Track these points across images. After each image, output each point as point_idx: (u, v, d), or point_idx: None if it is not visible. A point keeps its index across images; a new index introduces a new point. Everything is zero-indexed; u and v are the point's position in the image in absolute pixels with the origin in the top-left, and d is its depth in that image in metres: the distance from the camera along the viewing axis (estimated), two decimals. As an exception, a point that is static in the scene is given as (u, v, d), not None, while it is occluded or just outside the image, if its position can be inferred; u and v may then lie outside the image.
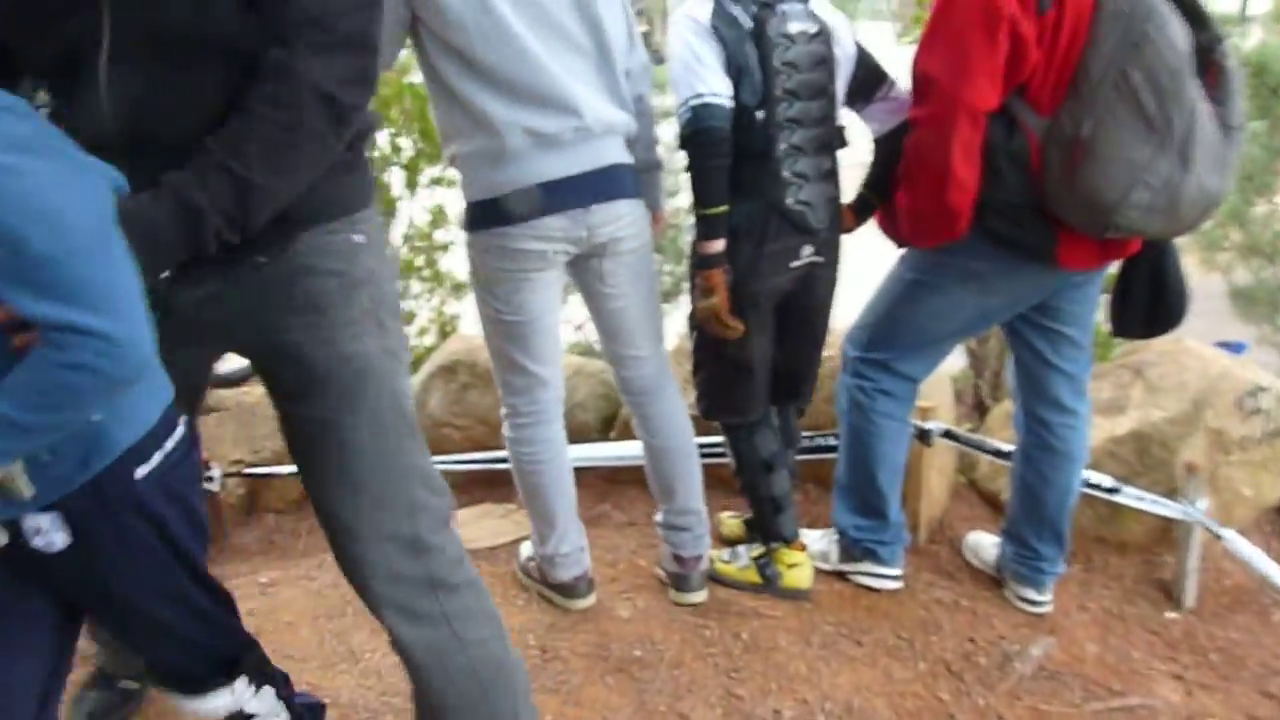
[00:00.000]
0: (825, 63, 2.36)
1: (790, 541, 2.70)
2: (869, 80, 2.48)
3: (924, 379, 2.74)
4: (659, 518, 2.67)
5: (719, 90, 2.23)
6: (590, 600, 2.65)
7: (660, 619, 2.59)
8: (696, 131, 2.24)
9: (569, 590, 2.63)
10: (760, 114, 2.28)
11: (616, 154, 2.27)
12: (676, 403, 2.58)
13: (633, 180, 2.34)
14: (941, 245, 2.39)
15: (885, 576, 2.78)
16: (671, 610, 2.63)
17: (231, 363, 3.82)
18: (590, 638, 2.51)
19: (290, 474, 3.37)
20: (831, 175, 2.44)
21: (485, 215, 2.24)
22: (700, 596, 2.65)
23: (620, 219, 2.29)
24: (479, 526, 3.04)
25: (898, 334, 2.61)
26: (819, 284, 2.51)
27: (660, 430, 2.56)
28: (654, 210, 2.52)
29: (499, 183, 2.19)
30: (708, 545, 2.68)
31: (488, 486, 3.36)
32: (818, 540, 2.88)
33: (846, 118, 2.51)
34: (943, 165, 2.21)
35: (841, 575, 2.82)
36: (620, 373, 2.55)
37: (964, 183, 2.22)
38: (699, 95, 2.22)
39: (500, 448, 2.63)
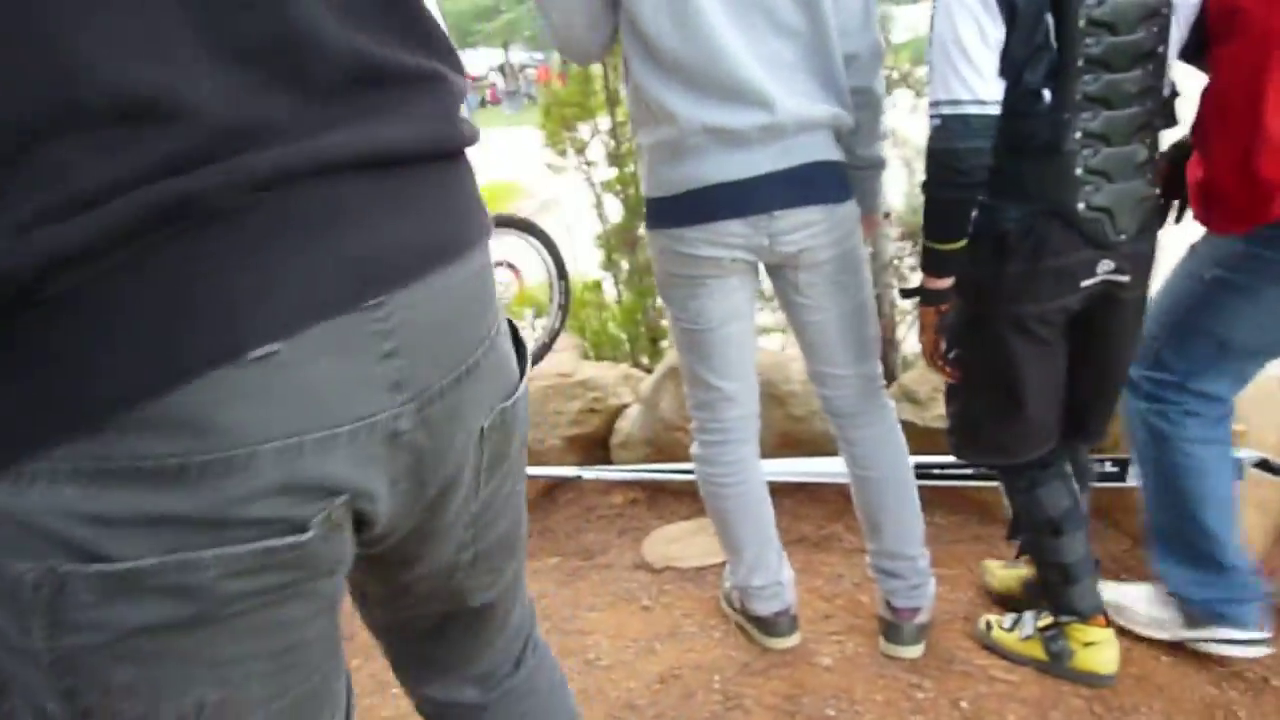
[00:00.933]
0: (1156, 15, 1.74)
1: (1088, 617, 2.19)
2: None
3: (1235, 395, 2.16)
4: (868, 557, 2.31)
5: (984, 95, 1.73)
6: (793, 640, 2.36)
7: (867, 671, 2.24)
8: (942, 151, 1.78)
9: (767, 626, 2.36)
10: (1048, 93, 1.77)
11: (815, 152, 1.94)
12: (884, 428, 2.22)
13: (836, 182, 2.00)
14: (1253, 233, 1.85)
15: (1246, 642, 2.16)
16: (883, 662, 2.27)
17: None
18: (782, 686, 2.22)
19: (535, 473, 3.35)
20: (1145, 168, 1.85)
21: (660, 214, 2.04)
22: (914, 652, 2.27)
23: (812, 226, 1.97)
24: (691, 544, 2.83)
25: (1197, 347, 2.08)
26: (1122, 306, 1.96)
27: (864, 458, 2.22)
28: (869, 213, 2.18)
29: (675, 180, 1.97)
30: (928, 597, 2.28)
31: (694, 502, 3.12)
32: (1142, 601, 2.32)
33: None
34: (1251, 121, 1.69)
35: (1183, 646, 2.26)
36: (820, 391, 2.24)
37: None
38: (955, 102, 1.74)
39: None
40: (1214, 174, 1.83)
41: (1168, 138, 1.93)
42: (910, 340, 3.81)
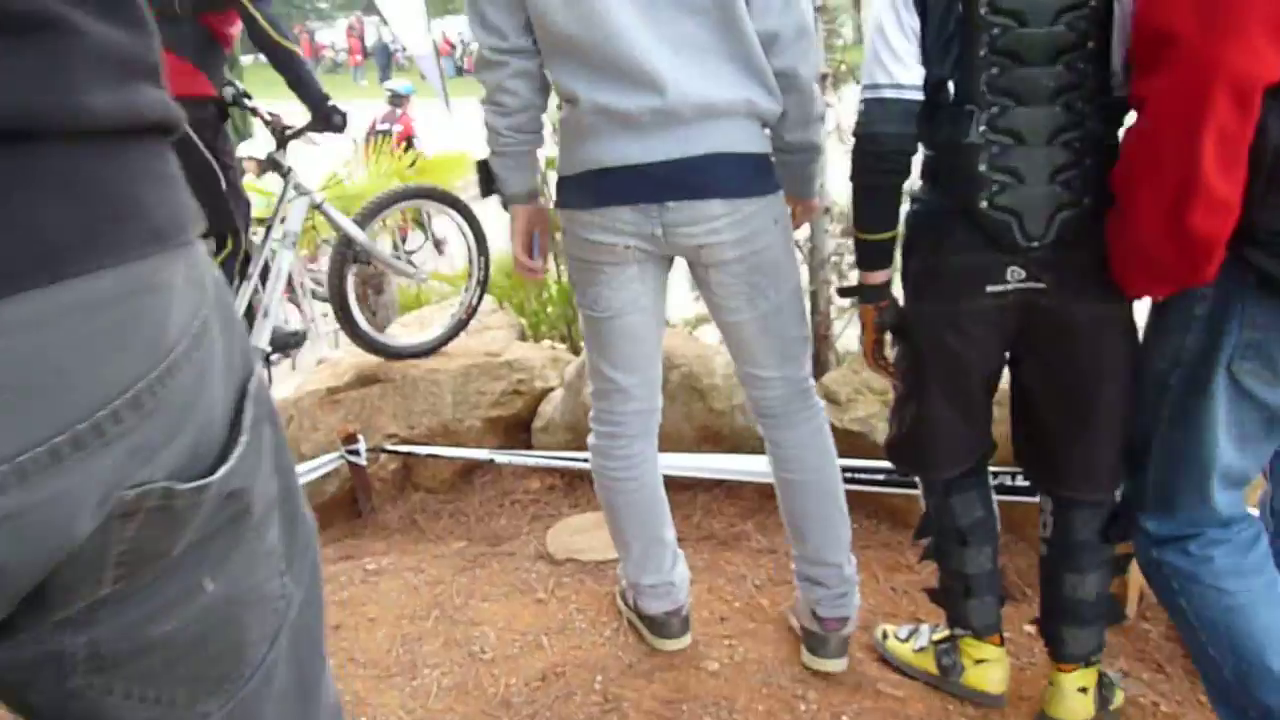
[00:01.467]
0: (1079, 7, 1.64)
1: (982, 634, 2.10)
2: None
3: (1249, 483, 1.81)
4: (794, 564, 2.23)
5: (903, 79, 1.71)
6: (683, 641, 2.29)
7: (752, 679, 2.17)
8: (862, 136, 1.78)
9: (657, 626, 2.28)
10: (952, 84, 1.71)
11: (720, 141, 1.81)
12: (810, 429, 2.09)
13: (747, 174, 1.86)
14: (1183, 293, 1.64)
15: None
16: (770, 669, 2.21)
17: (416, 335, 3.77)
18: (663, 690, 2.15)
19: (439, 453, 3.26)
20: (1067, 172, 1.70)
21: (563, 192, 1.96)
22: (837, 665, 2.18)
23: (713, 221, 1.84)
24: (596, 536, 2.75)
25: (1184, 477, 1.74)
26: (1063, 325, 1.77)
27: (789, 461, 2.12)
28: (804, 199, 2.09)
29: (574, 160, 1.90)
30: (853, 608, 2.18)
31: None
32: None
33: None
34: (1186, 168, 1.44)
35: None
36: (746, 391, 2.13)
37: (1219, 197, 1.45)
38: (874, 86, 1.74)
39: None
40: (1141, 228, 1.57)
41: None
42: (847, 338, 3.75)
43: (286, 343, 3.94)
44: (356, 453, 3.21)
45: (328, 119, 3.30)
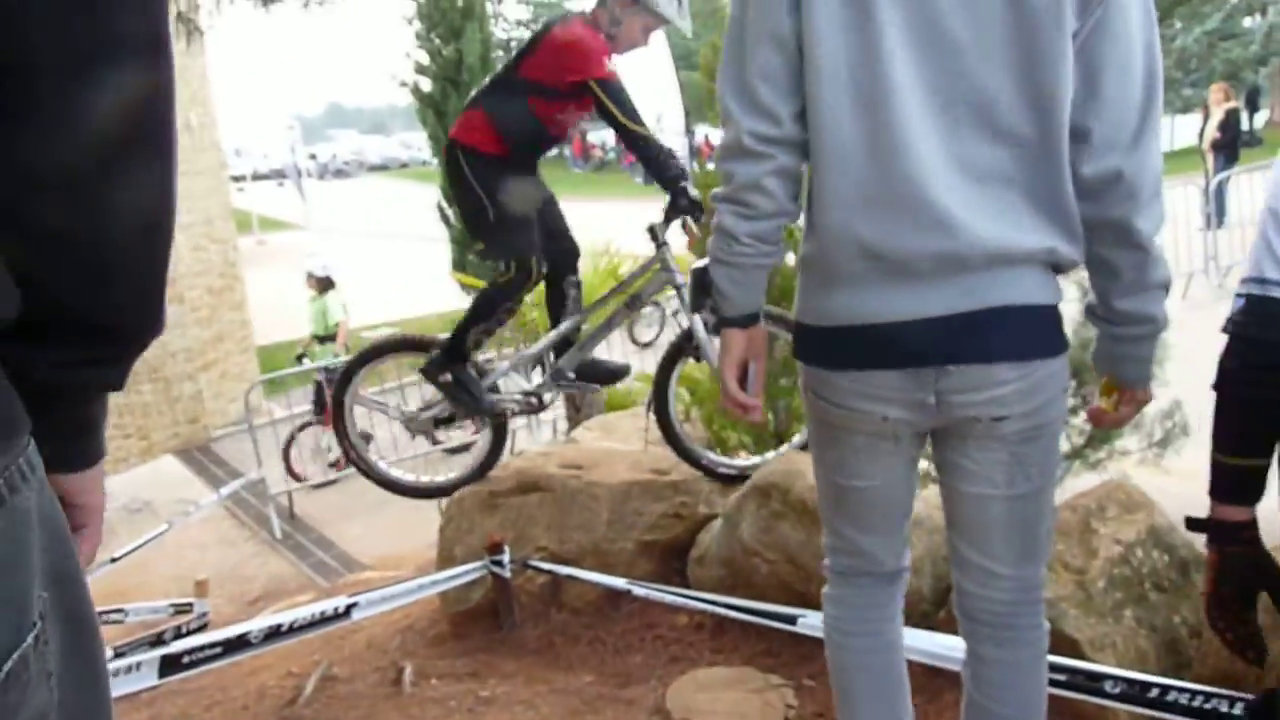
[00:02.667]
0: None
1: None
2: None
3: None
4: None
5: None
6: None
7: None
8: (1243, 340, 1.40)
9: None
10: None
11: (1012, 292, 1.46)
12: (1030, 655, 1.70)
13: (1040, 332, 1.51)
14: None
15: None
16: None
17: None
18: None
19: (579, 576, 3.09)
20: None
21: (806, 345, 1.62)
22: None
23: (1000, 387, 1.49)
24: (721, 697, 2.46)
25: None
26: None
27: (993, 688, 1.71)
28: (1129, 387, 1.63)
29: (824, 309, 1.56)
30: None
31: (759, 642, 2.75)
32: None
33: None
34: None
35: None
36: (963, 585, 1.72)
37: None
38: (1261, 281, 1.38)
39: (804, 605, 2.18)
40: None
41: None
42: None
43: (608, 375, 3.84)
44: (500, 563, 3.09)
45: (675, 202, 3.19)
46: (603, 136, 33.73)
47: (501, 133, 3.32)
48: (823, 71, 1.41)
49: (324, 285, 9.31)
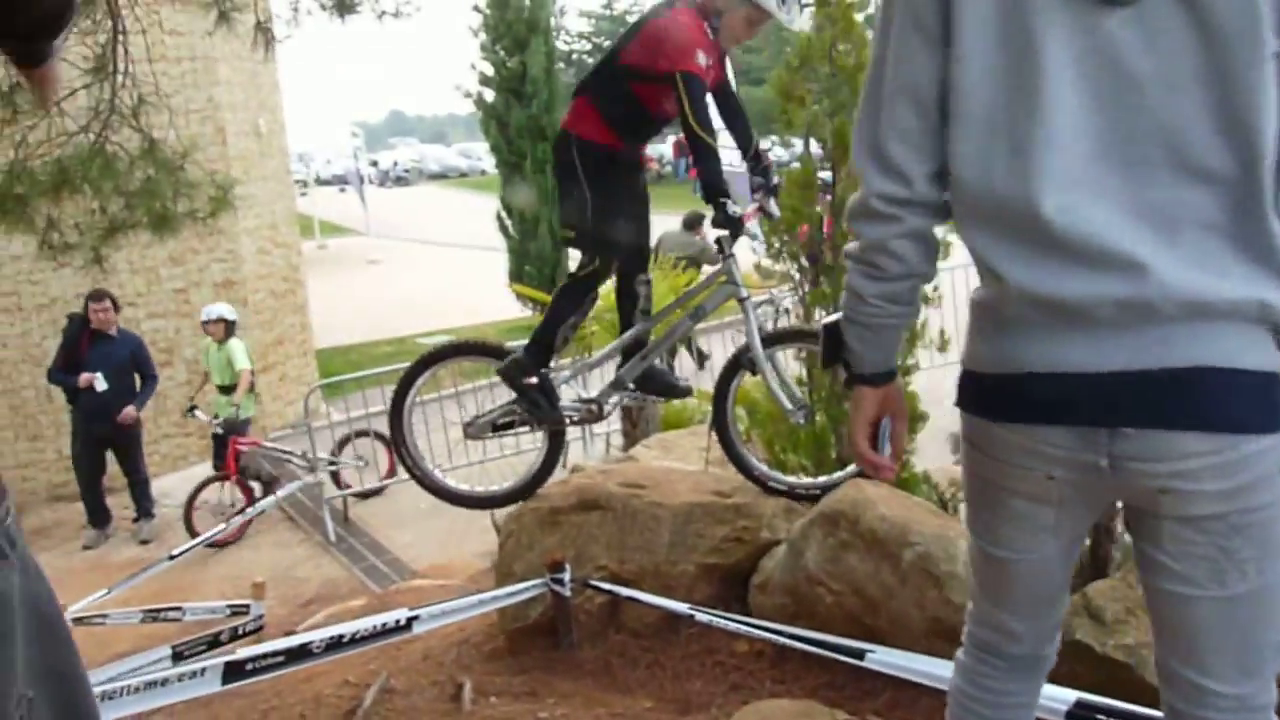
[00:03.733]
0: None
1: None
2: None
3: None
4: None
5: None
6: None
7: None
8: None
9: None
10: None
11: (1206, 350, 1.27)
12: None
13: (1249, 400, 1.29)
14: None
15: None
16: None
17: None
18: None
19: (639, 598, 3.05)
20: None
21: (967, 392, 1.48)
22: None
23: (1189, 459, 1.29)
24: (786, 730, 2.40)
25: None
26: None
27: None
28: None
29: (989, 356, 1.42)
30: None
31: (822, 674, 2.69)
32: None
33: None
34: None
35: None
36: (1168, 698, 1.49)
37: None
38: None
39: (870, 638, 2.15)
40: None
41: None
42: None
43: (667, 388, 3.79)
44: (561, 581, 3.06)
45: (716, 214, 3.19)
46: (660, 150, 33.72)
47: (608, 120, 3.35)
48: (973, 124, 1.30)
49: (228, 331, 8.51)
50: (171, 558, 6.22)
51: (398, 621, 2.86)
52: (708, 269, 3.72)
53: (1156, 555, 1.37)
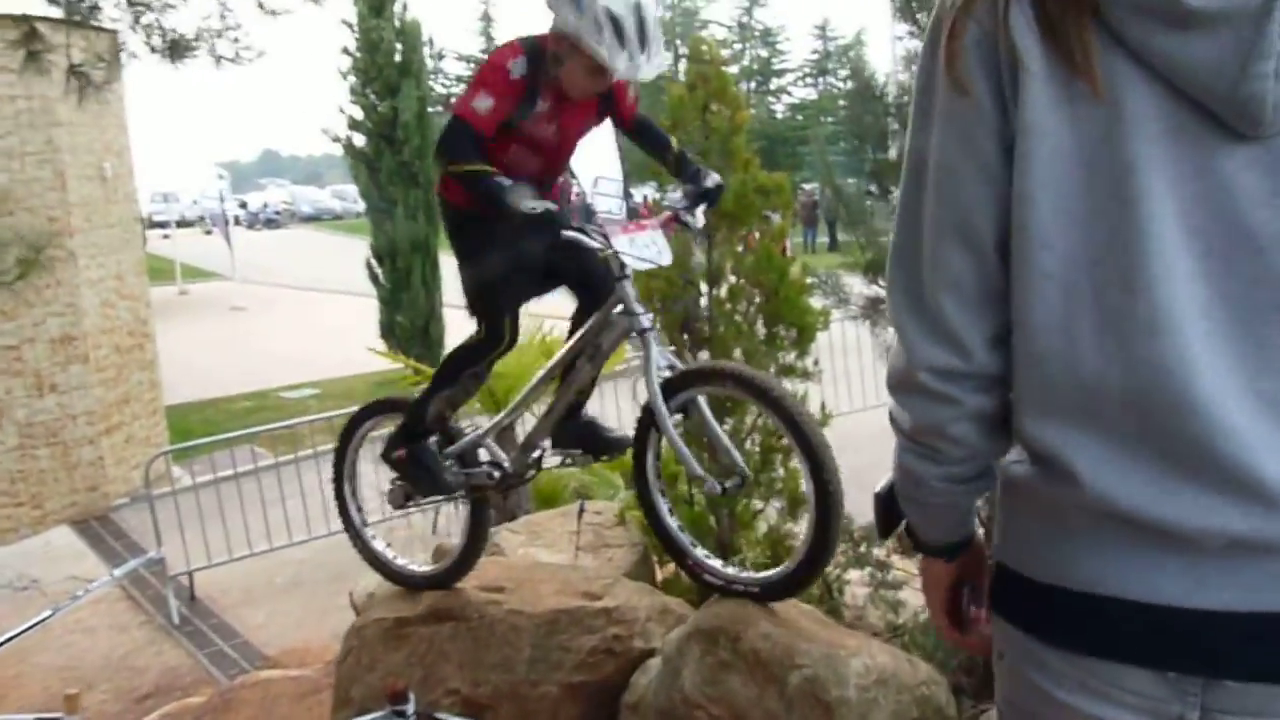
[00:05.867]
0: None
1: None
2: None
3: None
4: None
5: None
6: None
7: None
8: None
9: None
10: None
11: None
12: None
13: None
14: None
15: None
16: None
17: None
18: None
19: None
20: None
21: (1007, 596, 1.15)
22: None
23: None
24: None
25: None
26: None
27: None
28: None
29: (1044, 559, 1.09)
30: None
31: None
32: None
33: None
34: None
35: None
36: None
37: None
38: None
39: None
40: None
41: None
42: None
43: (604, 444, 3.19)
44: (403, 714, 2.67)
45: (511, 215, 2.72)
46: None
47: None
48: (1048, 283, 0.98)
49: None
50: (-21, 654, 5.52)
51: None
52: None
53: None
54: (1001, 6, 0.95)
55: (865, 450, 3.07)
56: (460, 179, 2.75)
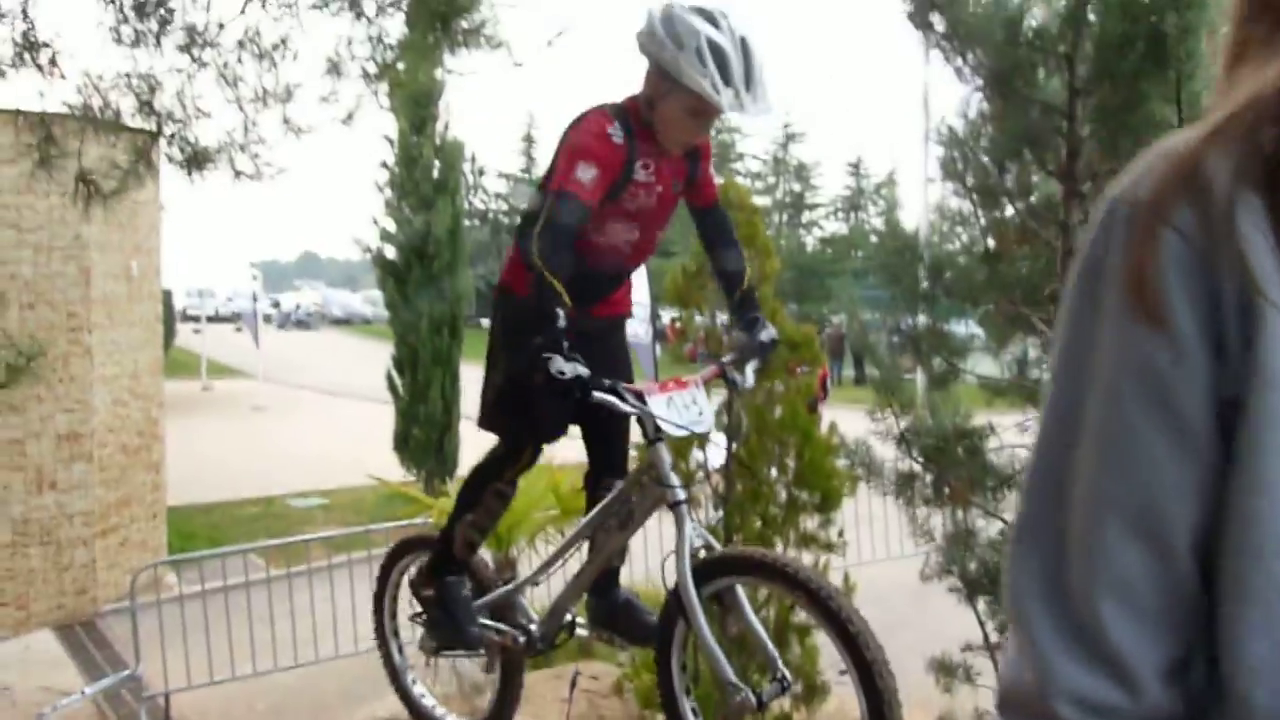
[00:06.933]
0: None
1: None
2: None
3: None
4: None
5: None
6: None
7: None
8: None
9: None
10: None
11: None
12: None
13: None
14: None
15: None
16: None
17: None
18: None
19: None
20: None
21: None
22: None
23: None
24: None
25: None
26: None
27: None
28: None
29: None
30: None
31: None
32: None
33: None
34: None
35: None
36: None
37: None
38: None
39: None
40: None
41: None
42: None
43: (636, 630, 2.92)
44: None
45: (533, 373, 2.52)
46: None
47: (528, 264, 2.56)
48: None
49: None
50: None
51: None
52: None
53: None
54: (1221, 211, 0.67)
55: (893, 608, 2.76)
56: (538, 281, 2.41)
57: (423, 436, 12.80)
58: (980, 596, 3.03)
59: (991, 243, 3.10)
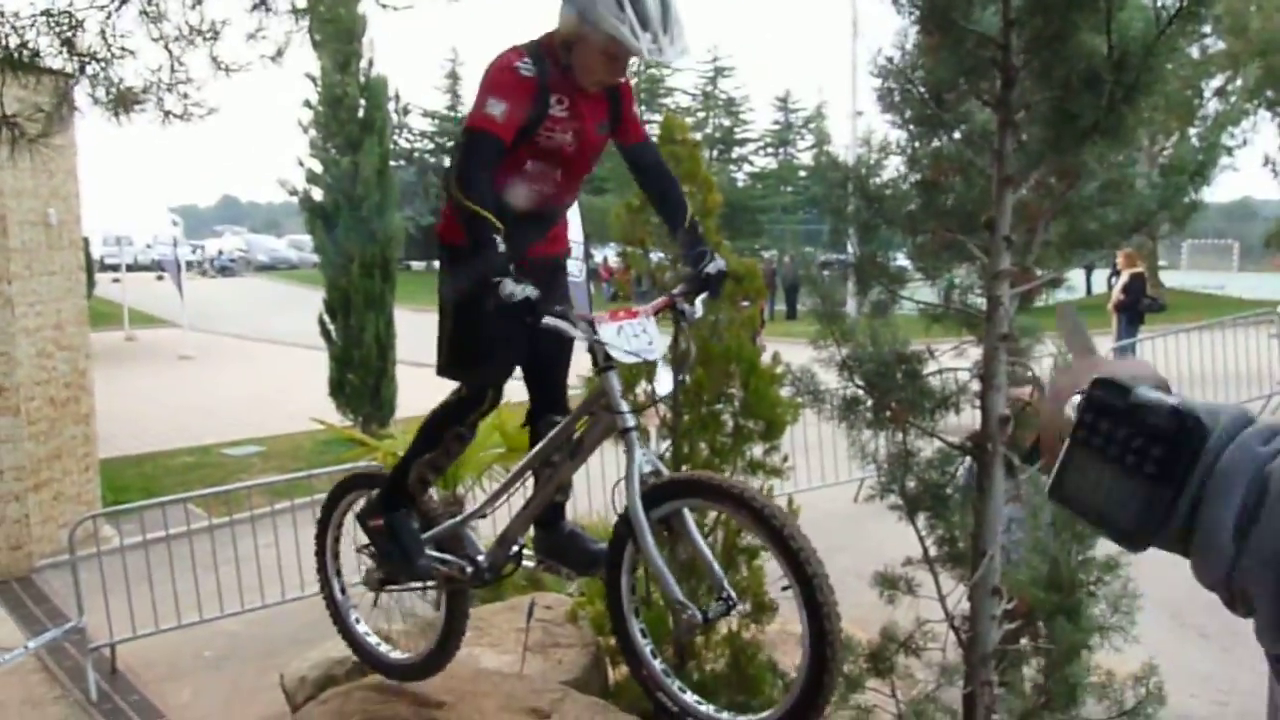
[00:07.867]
0: None
1: None
2: None
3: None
4: None
5: None
6: None
7: None
8: None
9: None
10: None
11: None
12: None
13: None
14: None
15: None
16: None
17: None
18: None
19: None
20: None
21: None
22: None
23: None
24: None
25: None
26: None
27: None
28: None
29: None
30: None
31: None
32: None
33: None
34: None
35: None
36: None
37: None
38: None
39: None
40: None
41: None
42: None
43: (580, 559, 2.98)
44: None
45: (488, 298, 2.54)
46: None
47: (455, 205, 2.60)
48: None
49: None
50: None
51: None
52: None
53: None
54: None
55: (832, 532, 2.89)
56: (467, 216, 2.49)
57: (358, 381, 12.67)
58: (920, 513, 3.17)
59: (927, 172, 3.18)
